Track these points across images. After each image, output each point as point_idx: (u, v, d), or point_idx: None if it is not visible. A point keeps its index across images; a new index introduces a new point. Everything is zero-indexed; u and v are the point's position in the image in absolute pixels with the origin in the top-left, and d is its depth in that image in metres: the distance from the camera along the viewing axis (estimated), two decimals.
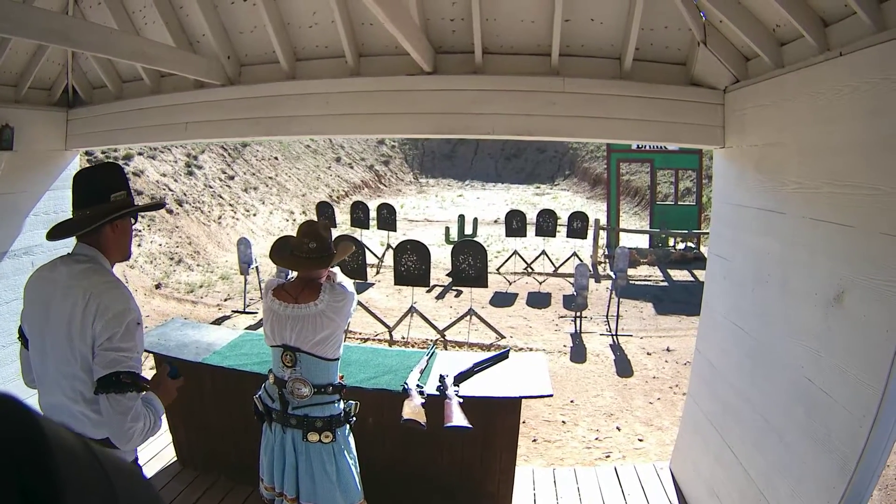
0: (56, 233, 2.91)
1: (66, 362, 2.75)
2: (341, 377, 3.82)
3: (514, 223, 17.03)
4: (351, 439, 3.81)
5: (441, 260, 15.54)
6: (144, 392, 2.84)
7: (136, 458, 3.18)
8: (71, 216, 2.98)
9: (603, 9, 4.68)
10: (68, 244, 2.97)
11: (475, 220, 21.18)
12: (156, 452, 5.74)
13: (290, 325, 3.57)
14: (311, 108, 5.34)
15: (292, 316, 3.58)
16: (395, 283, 11.40)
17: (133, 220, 3.05)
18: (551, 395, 4.81)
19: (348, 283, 3.81)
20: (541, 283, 15.56)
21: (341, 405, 3.73)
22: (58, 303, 2.75)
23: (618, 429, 7.72)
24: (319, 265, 3.68)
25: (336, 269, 3.92)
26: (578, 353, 10.58)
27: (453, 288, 14.14)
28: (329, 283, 3.71)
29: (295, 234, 3.79)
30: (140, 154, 18.76)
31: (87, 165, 3.50)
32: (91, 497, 0.57)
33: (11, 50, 5.31)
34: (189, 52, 5.42)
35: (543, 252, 17.19)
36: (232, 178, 23.39)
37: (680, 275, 16.64)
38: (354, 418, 3.83)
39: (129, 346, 2.73)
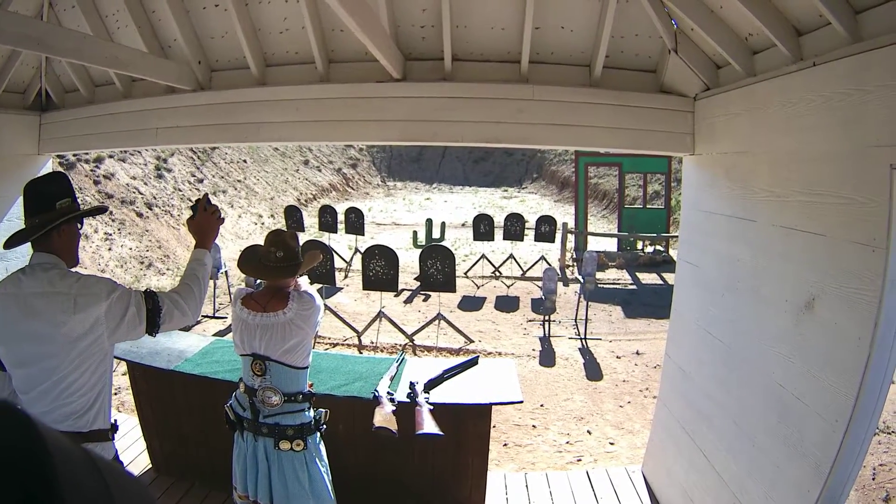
0: (9, 241, 3.04)
1: (58, 364, 2.87)
2: (311, 385, 3.82)
3: (482, 227, 17.02)
4: (322, 447, 3.80)
5: (409, 264, 15.49)
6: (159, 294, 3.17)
7: (117, 454, 3.28)
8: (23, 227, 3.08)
9: (573, 17, 4.70)
10: None
11: (443, 223, 21.11)
12: (131, 460, 5.68)
13: (259, 333, 3.57)
14: (281, 114, 5.32)
15: (261, 325, 3.57)
16: (364, 288, 11.36)
17: (79, 226, 3.17)
18: (521, 402, 4.82)
19: (314, 293, 3.82)
20: (509, 287, 15.56)
21: (311, 413, 3.73)
22: (40, 312, 2.84)
23: (588, 432, 7.74)
24: (287, 274, 3.70)
25: (303, 279, 3.95)
26: (547, 356, 10.60)
27: (421, 292, 14.13)
28: (297, 292, 3.73)
29: (262, 243, 3.82)
30: (111, 157, 18.51)
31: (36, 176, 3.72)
32: (89, 502, 0.56)
33: None
34: (160, 58, 5.36)
35: (511, 256, 17.20)
36: (201, 181, 23.16)
37: (649, 278, 16.77)
38: (325, 426, 3.83)
39: (127, 297, 3.02)
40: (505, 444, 7.37)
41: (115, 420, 3.21)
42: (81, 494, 0.55)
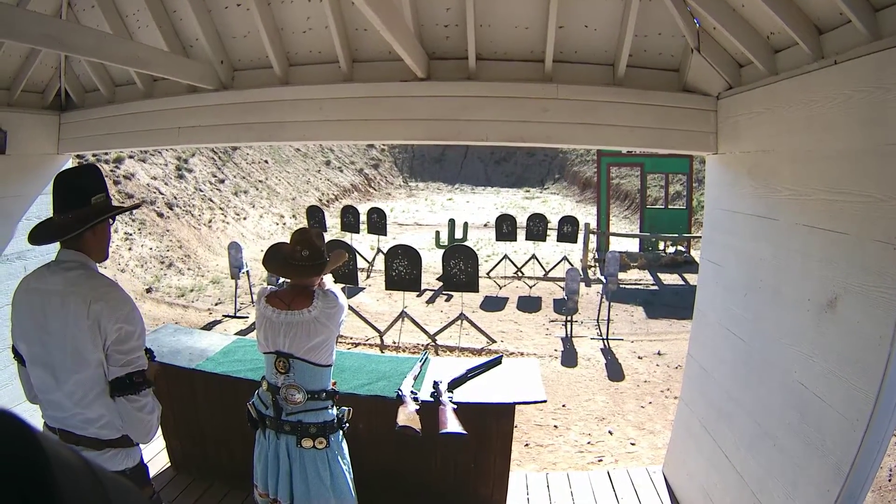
0: (38, 237, 2.95)
1: (75, 370, 2.77)
2: (334, 383, 3.82)
3: (505, 227, 17.03)
4: (344, 445, 3.81)
5: (431, 264, 15.53)
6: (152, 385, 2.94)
7: (142, 458, 3.16)
8: (51, 218, 2.99)
9: (597, 15, 4.69)
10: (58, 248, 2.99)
11: (465, 224, 21.09)
12: (149, 458, 5.63)
13: (283, 331, 3.56)
14: (305, 113, 5.33)
15: (286, 322, 3.56)
16: (387, 288, 11.41)
17: (111, 221, 3.05)
18: (545, 401, 4.81)
19: (339, 291, 3.81)
20: (531, 288, 15.57)
21: (334, 411, 3.73)
22: (56, 312, 2.76)
23: (610, 433, 7.73)
24: (312, 273, 3.68)
25: (327, 277, 3.94)
26: (569, 357, 10.60)
27: (444, 292, 14.16)
28: (321, 290, 3.71)
29: (288, 242, 3.83)
30: (131, 157, 18.66)
31: (67, 168, 3.60)
32: None
33: (4, 53, 5.26)
34: (182, 57, 5.38)
35: (534, 256, 17.24)
36: (222, 181, 23.29)
37: (670, 278, 16.70)
38: (347, 424, 3.82)
39: (139, 346, 2.83)
40: (526, 444, 7.38)
41: None
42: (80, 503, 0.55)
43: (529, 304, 14.11)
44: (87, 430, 2.83)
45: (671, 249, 18.58)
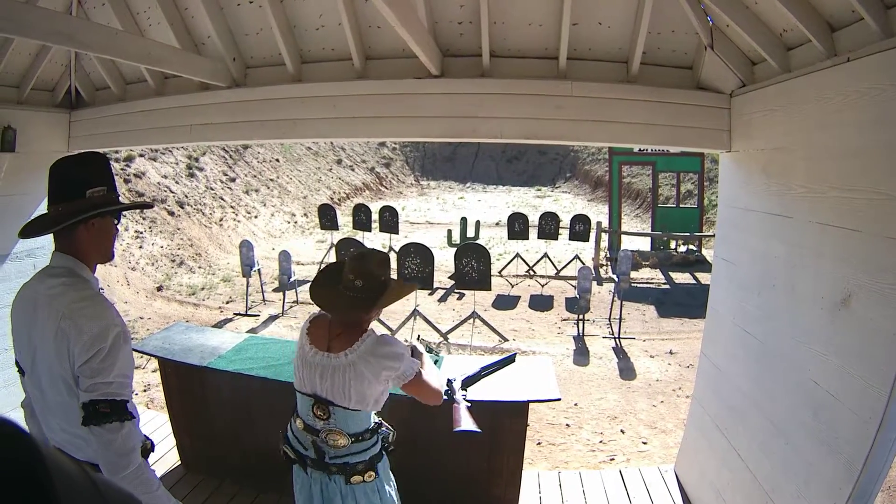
0: (28, 231, 2.62)
1: (56, 388, 2.49)
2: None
3: (517, 226, 17.06)
4: (388, 466, 3.47)
5: (443, 263, 15.53)
6: (130, 420, 2.45)
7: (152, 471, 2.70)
8: (46, 212, 2.64)
9: (611, 13, 4.68)
10: None
11: (477, 222, 21.02)
12: (159, 456, 5.71)
13: (319, 374, 3.11)
14: (318, 111, 5.33)
15: (321, 364, 3.10)
16: None
17: (116, 220, 2.73)
18: (559, 399, 4.80)
19: (399, 346, 3.25)
20: (543, 286, 15.58)
21: (379, 439, 3.38)
22: (41, 324, 2.48)
23: (622, 432, 7.73)
24: (360, 307, 3.19)
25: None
26: (581, 355, 10.60)
27: (456, 290, 14.16)
28: (375, 333, 3.19)
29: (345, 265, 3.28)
30: (141, 156, 18.75)
31: (66, 155, 3.20)
32: None
33: (14, 51, 5.30)
34: (194, 54, 5.39)
35: (545, 255, 17.25)
36: (233, 179, 23.38)
37: (682, 277, 16.65)
38: (392, 446, 3.50)
39: (105, 369, 2.41)
40: (538, 443, 7.38)
41: (152, 441, 2.76)
42: None
43: (541, 303, 14.11)
44: (78, 454, 2.52)
45: (682, 248, 18.54)
